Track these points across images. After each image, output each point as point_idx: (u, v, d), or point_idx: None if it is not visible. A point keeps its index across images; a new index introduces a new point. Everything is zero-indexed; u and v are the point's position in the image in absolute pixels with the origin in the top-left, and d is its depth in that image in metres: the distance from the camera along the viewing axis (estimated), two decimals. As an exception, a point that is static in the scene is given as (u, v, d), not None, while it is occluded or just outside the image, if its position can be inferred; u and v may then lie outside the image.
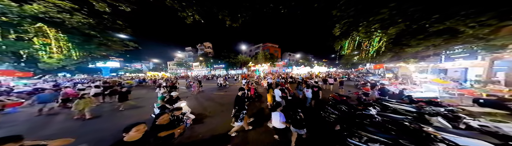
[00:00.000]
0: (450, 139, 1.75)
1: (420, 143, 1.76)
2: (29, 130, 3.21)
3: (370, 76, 13.64)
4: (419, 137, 1.87)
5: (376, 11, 3.13)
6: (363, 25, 3.69)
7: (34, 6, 5.30)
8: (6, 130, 3.20)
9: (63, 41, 6.41)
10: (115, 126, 3.20)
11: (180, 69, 39.32)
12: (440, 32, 3.77)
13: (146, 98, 6.91)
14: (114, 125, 3.32)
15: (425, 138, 1.83)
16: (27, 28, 5.51)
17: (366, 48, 5.74)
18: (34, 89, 8.29)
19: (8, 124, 3.59)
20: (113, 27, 7.73)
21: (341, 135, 2.33)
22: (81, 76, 34.95)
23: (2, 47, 5.60)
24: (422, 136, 1.88)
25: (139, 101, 5.94)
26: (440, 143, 1.72)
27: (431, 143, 1.75)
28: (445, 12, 2.94)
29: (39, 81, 12.50)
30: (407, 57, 9.04)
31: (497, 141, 1.67)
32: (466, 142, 1.68)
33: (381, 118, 2.58)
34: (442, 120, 2.41)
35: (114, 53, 9.98)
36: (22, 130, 3.21)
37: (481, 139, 1.67)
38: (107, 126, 3.36)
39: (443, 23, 3.14)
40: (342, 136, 2.26)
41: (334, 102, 3.65)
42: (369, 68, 22.30)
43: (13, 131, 3.14)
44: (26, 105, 5.05)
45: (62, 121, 3.82)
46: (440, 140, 1.76)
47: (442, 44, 4.88)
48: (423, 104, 3.26)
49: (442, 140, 1.75)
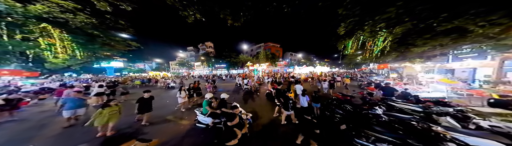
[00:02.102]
0: (460, 138, 1.71)
1: (429, 142, 1.73)
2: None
3: (374, 76, 13.45)
4: (428, 136, 1.83)
5: (383, 10, 3.04)
6: (369, 24, 3.60)
7: (38, 6, 5.37)
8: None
9: (67, 41, 6.51)
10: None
11: (182, 68, 39.60)
12: (448, 31, 3.65)
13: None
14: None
15: (434, 138, 1.79)
16: (32, 28, 5.60)
17: (370, 47, 5.62)
18: (41, 88, 8.47)
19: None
20: (116, 27, 7.85)
21: (347, 135, 2.29)
22: (87, 76, 35.64)
23: (9, 47, 5.73)
24: (430, 135, 1.84)
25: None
26: (450, 143, 1.68)
27: (440, 143, 1.71)
28: (454, 11, 2.83)
29: (46, 81, 12.80)
30: (413, 57, 8.82)
31: (509, 141, 1.62)
32: (477, 142, 1.63)
33: (388, 117, 2.54)
34: (451, 120, 2.37)
35: (117, 53, 10.12)
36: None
37: (492, 139, 1.62)
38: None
39: (451, 22, 3.03)
40: (348, 136, 2.23)
41: (338, 102, 3.62)
42: (373, 68, 21.98)
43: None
44: (32, 104, 5.14)
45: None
46: (450, 139, 1.72)
47: (450, 44, 4.73)
48: (430, 104, 3.21)
49: (452, 139, 1.71)
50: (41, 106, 5.20)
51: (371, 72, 21.00)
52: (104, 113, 2.58)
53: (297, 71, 18.87)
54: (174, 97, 4.52)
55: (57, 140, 2.64)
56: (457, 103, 3.45)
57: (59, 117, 4.03)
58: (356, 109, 3.01)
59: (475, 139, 1.66)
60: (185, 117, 3.75)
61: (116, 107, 2.74)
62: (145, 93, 3.33)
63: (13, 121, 3.63)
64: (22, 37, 5.71)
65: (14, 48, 5.88)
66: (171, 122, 3.46)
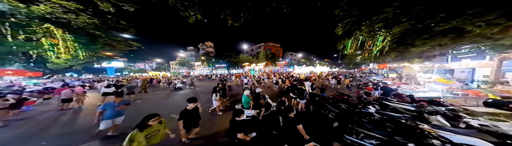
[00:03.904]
0: (445, 136, 1.78)
1: (414, 139, 1.80)
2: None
3: (373, 76, 13.46)
4: (414, 134, 1.91)
5: (380, 10, 3.08)
6: (366, 24, 3.65)
7: (41, 7, 5.44)
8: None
9: (69, 41, 6.59)
10: None
11: (183, 68, 39.72)
12: (446, 32, 3.69)
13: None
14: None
15: (420, 135, 1.86)
16: (35, 28, 5.67)
17: (369, 47, 5.66)
18: (44, 88, 8.59)
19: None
20: (117, 27, 7.93)
21: (338, 131, 2.38)
22: (88, 76, 35.85)
23: (13, 47, 5.80)
24: (416, 133, 1.92)
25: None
26: (434, 140, 1.75)
27: (425, 140, 1.78)
28: (451, 11, 2.87)
29: (49, 81, 12.94)
30: (412, 57, 8.85)
31: (495, 139, 1.69)
32: (462, 139, 1.70)
33: (380, 116, 2.62)
34: (441, 118, 2.44)
35: (118, 53, 10.19)
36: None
37: (478, 137, 1.68)
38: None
39: (449, 22, 3.07)
40: (339, 132, 2.32)
41: (334, 101, 3.70)
42: (373, 68, 21.96)
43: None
44: (38, 104, 5.24)
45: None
46: (435, 137, 1.79)
47: (449, 44, 4.76)
48: (424, 104, 3.30)
49: (437, 137, 1.78)
50: (46, 105, 5.34)
51: (371, 72, 21.00)
52: (140, 138, 1.50)
53: (297, 71, 18.94)
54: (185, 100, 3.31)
55: (67, 137, 2.75)
56: (451, 103, 3.53)
57: (66, 114, 4.22)
58: (350, 107, 3.09)
59: (461, 137, 1.73)
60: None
61: (159, 126, 1.72)
62: (190, 104, 2.24)
63: (22, 120, 3.75)
64: (25, 38, 5.78)
65: (18, 48, 5.95)
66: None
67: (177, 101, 5.81)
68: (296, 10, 3.64)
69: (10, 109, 3.74)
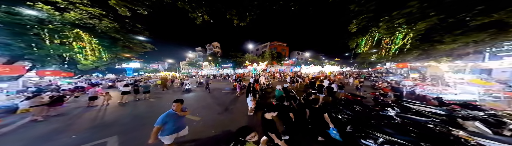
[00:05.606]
0: (487, 145, 1.54)
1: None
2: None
3: (390, 76, 12.39)
4: (446, 140, 1.67)
5: (402, 4, 2.77)
6: (385, 20, 3.32)
7: (72, 14, 6.18)
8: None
9: (95, 44, 7.34)
10: None
11: (191, 68, 41.42)
12: (484, 26, 3.17)
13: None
14: None
15: (453, 142, 1.62)
16: (67, 33, 6.43)
17: (387, 45, 5.18)
18: (75, 87, 9.75)
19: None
20: (134, 30, 8.73)
21: (353, 136, 2.20)
22: (111, 76, 39.71)
23: (51, 50, 6.64)
24: (449, 140, 1.67)
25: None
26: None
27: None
28: (492, 2, 2.44)
29: (79, 80, 14.68)
30: (439, 55, 7.86)
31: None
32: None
33: (401, 119, 2.38)
34: (480, 124, 2.12)
35: (135, 54, 11.07)
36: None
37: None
38: None
39: (489, 16, 2.62)
40: (354, 137, 2.14)
41: (346, 102, 3.46)
42: (390, 67, 20.21)
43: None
44: (70, 101, 5.95)
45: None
46: (473, 145, 1.55)
47: (487, 40, 4.10)
48: (456, 107, 2.91)
49: (476, 145, 1.55)
50: (76, 102, 6.07)
51: (387, 71, 19.35)
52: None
53: (304, 70, 18.26)
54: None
55: (94, 131, 3.10)
56: (491, 107, 3.04)
57: (93, 110, 4.70)
58: (366, 110, 2.86)
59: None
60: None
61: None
62: (267, 113, 1.84)
63: (58, 115, 4.27)
64: (59, 42, 6.59)
65: (54, 51, 6.81)
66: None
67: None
68: (305, 7, 3.47)
69: (49, 106, 4.26)
